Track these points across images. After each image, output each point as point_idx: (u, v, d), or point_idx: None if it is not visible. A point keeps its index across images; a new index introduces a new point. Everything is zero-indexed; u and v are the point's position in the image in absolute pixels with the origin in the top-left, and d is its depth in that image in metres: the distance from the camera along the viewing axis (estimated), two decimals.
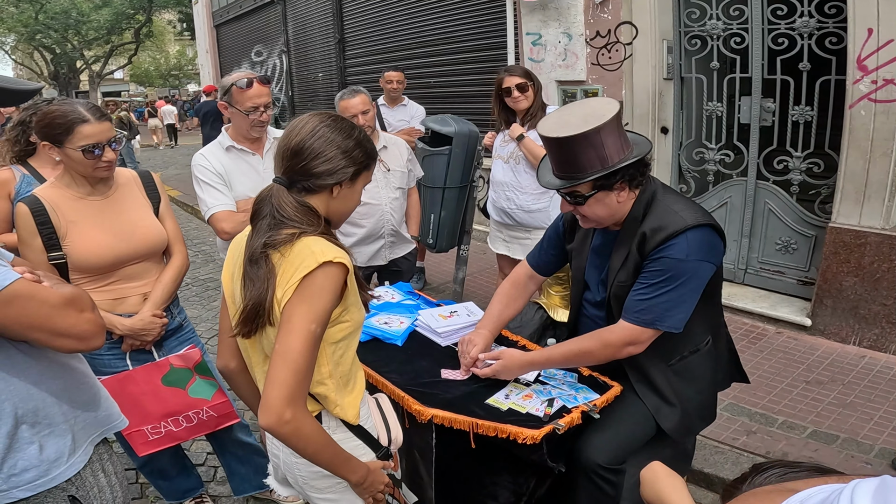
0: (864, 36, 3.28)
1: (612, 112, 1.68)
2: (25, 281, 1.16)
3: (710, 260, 1.74)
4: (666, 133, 4.50)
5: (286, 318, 1.25)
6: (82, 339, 1.24)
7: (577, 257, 2.03)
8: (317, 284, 1.25)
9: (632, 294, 1.78)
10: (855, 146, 3.43)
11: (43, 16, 22.61)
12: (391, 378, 1.96)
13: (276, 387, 1.22)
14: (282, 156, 1.35)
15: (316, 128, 1.34)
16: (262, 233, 1.31)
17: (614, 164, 1.69)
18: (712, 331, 1.97)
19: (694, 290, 1.74)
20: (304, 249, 1.27)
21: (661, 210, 1.76)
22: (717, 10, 4.04)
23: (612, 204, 1.78)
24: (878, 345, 3.47)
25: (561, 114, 1.80)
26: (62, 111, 1.88)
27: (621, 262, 1.82)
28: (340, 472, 1.38)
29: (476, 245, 4.87)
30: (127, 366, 2.07)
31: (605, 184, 1.73)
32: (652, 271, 1.73)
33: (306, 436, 1.27)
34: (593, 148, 1.67)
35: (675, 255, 1.70)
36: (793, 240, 4.00)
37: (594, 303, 2.00)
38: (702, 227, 1.72)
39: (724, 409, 2.90)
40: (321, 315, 1.27)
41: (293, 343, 1.23)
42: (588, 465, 1.83)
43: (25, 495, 1.23)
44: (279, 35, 10.23)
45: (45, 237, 1.91)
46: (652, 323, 1.73)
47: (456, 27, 6.44)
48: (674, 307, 1.72)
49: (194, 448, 2.94)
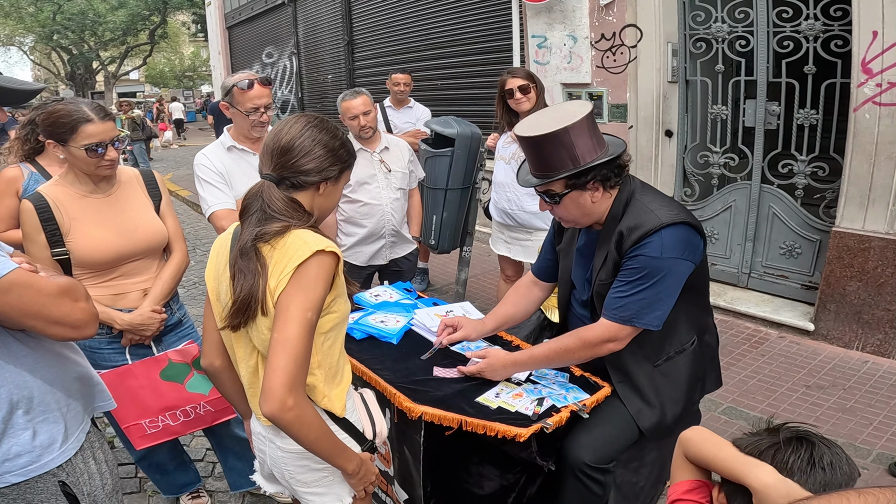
0: (870, 38, 3.27)
1: (584, 113, 1.72)
2: (23, 270, 1.21)
3: (687, 258, 1.75)
4: (670, 136, 4.50)
5: (283, 307, 1.28)
6: (76, 328, 1.28)
7: (565, 258, 2.06)
8: (311, 273, 1.29)
9: (610, 292, 1.80)
10: (859, 150, 3.42)
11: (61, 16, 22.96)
12: (384, 375, 1.98)
13: (278, 374, 1.25)
14: (270, 153, 1.40)
15: (304, 128, 1.40)
16: (252, 227, 1.34)
17: (585, 164, 1.73)
18: (698, 331, 1.97)
19: (671, 288, 1.75)
20: (296, 240, 1.32)
21: (637, 209, 1.78)
22: (723, 12, 4.03)
23: (585, 204, 1.81)
24: (881, 350, 3.44)
25: (538, 116, 1.85)
26: (67, 110, 1.93)
27: (602, 262, 1.85)
28: (337, 461, 1.41)
29: (480, 247, 4.88)
30: (126, 360, 2.11)
31: (577, 183, 1.76)
32: (629, 269, 1.75)
33: (308, 422, 1.31)
34: (564, 147, 1.72)
35: (650, 252, 1.71)
36: (797, 244, 3.98)
37: (581, 302, 2.01)
38: (677, 224, 1.73)
39: (722, 412, 2.90)
40: (316, 303, 1.31)
41: (291, 331, 1.27)
42: (575, 464, 1.84)
43: (17, 480, 1.27)
44: (290, 37, 10.31)
45: (48, 233, 1.96)
46: (629, 320, 1.75)
47: (462, 30, 6.47)
48: (650, 304, 1.74)
49: (194, 444, 2.98)
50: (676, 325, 1.82)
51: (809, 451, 1.02)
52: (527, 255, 3.44)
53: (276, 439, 1.48)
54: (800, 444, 1.04)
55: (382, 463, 2.19)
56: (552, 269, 2.19)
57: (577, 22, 4.81)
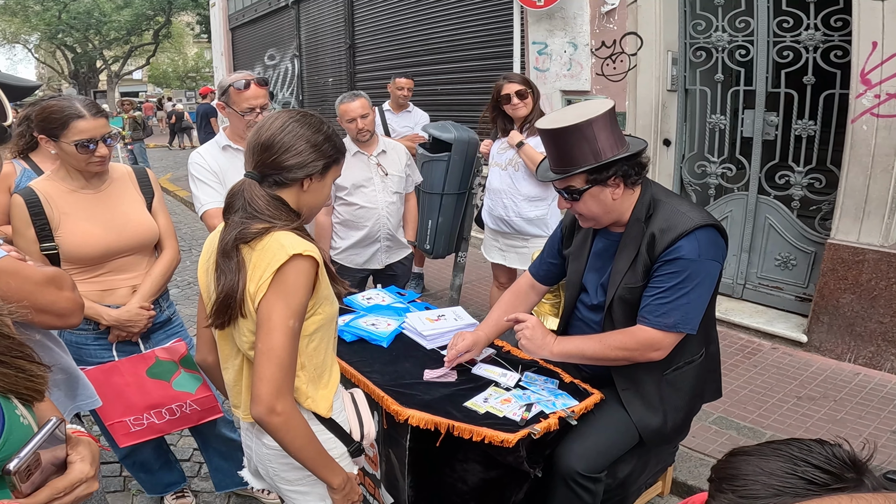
0: (869, 49, 3.27)
1: (606, 108, 1.73)
2: (10, 258, 1.22)
3: (718, 259, 1.76)
4: (668, 145, 4.50)
5: (265, 316, 1.28)
6: (61, 316, 1.29)
7: (575, 261, 2.03)
8: (290, 279, 1.28)
9: (649, 298, 1.77)
10: (856, 161, 3.41)
11: (66, 15, 23.04)
12: (373, 378, 1.98)
13: (265, 383, 1.27)
14: (252, 151, 1.39)
15: (285, 123, 1.38)
16: (235, 226, 1.34)
17: (607, 158, 1.72)
18: (706, 342, 1.96)
19: (708, 291, 1.75)
20: (273, 244, 1.30)
21: (666, 211, 1.78)
22: (723, 22, 4.03)
23: (606, 201, 1.79)
24: (873, 362, 3.43)
25: (559, 112, 1.86)
26: (59, 106, 1.94)
27: (628, 265, 1.82)
28: (323, 472, 1.40)
29: (476, 253, 4.88)
30: (113, 357, 2.10)
31: (598, 178, 1.75)
32: (668, 273, 1.73)
33: (294, 428, 1.32)
34: (586, 141, 1.71)
35: (688, 255, 1.70)
36: (792, 256, 3.97)
37: (590, 306, 1.99)
38: (708, 226, 1.73)
39: (712, 421, 2.88)
40: (298, 310, 1.30)
41: (275, 341, 1.27)
42: (567, 472, 1.82)
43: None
44: (292, 39, 10.34)
45: (38, 228, 1.95)
46: (675, 326, 1.73)
47: (463, 35, 6.48)
48: (693, 309, 1.72)
49: (181, 444, 2.96)
50: (690, 336, 1.80)
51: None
52: (522, 263, 3.42)
53: (262, 436, 1.47)
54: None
55: (370, 466, 2.17)
56: (553, 274, 2.17)
57: (577, 29, 4.82)
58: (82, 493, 0.91)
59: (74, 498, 0.90)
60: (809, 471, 0.64)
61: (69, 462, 0.92)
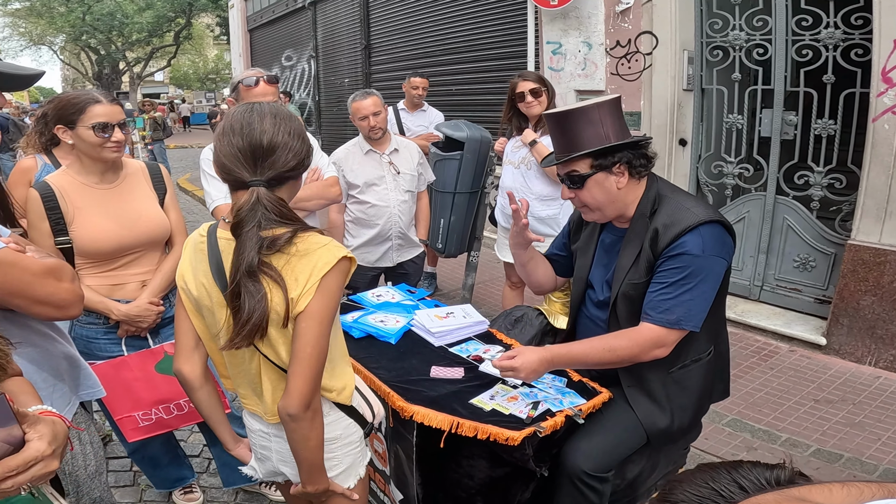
0: (890, 47, 3.20)
1: (613, 96, 1.75)
2: (9, 250, 1.23)
3: (724, 256, 1.72)
4: (684, 145, 4.44)
5: (309, 317, 1.28)
6: (60, 308, 1.30)
7: (582, 256, 2.01)
8: (336, 281, 1.30)
9: (652, 294, 1.73)
10: (877, 161, 3.34)
11: (90, 17, 23.44)
12: (379, 374, 1.97)
13: (305, 381, 1.30)
14: (251, 158, 1.28)
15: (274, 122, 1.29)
16: (254, 241, 1.25)
17: (612, 142, 1.71)
18: (714, 341, 1.93)
19: (712, 288, 1.71)
20: (312, 247, 1.29)
21: (670, 206, 1.75)
22: (741, 20, 3.98)
23: (611, 189, 1.76)
24: (894, 366, 3.35)
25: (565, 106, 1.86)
26: (77, 94, 2.03)
27: (632, 261, 1.79)
28: (314, 475, 1.41)
29: (488, 253, 4.86)
30: (122, 351, 2.11)
31: (603, 163, 1.73)
32: (670, 269, 1.70)
33: (318, 425, 1.36)
34: (591, 124, 1.70)
35: (692, 250, 1.67)
36: (811, 257, 3.90)
37: (597, 302, 1.96)
38: (713, 222, 1.70)
39: (726, 424, 2.84)
40: (336, 310, 1.34)
41: (316, 341, 1.30)
42: (573, 471, 1.80)
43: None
44: (309, 40, 10.42)
45: (52, 221, 1.98)
46: (678, 323, 1.69)
47: (477, 35, 6.48)
48: (697, 305, 1.69)
49: (191, 440, 2.98)
50: (697, 333, 1.76)
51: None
52: None
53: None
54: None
55: (380, 462, 2.17)
56: (561, 266, 2.16)
57: (592, 28, 4.78)
58: (39, 473, 0.88)
59: (30, 476, 0.87)
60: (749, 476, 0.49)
61: (26, 440, 0.88)
